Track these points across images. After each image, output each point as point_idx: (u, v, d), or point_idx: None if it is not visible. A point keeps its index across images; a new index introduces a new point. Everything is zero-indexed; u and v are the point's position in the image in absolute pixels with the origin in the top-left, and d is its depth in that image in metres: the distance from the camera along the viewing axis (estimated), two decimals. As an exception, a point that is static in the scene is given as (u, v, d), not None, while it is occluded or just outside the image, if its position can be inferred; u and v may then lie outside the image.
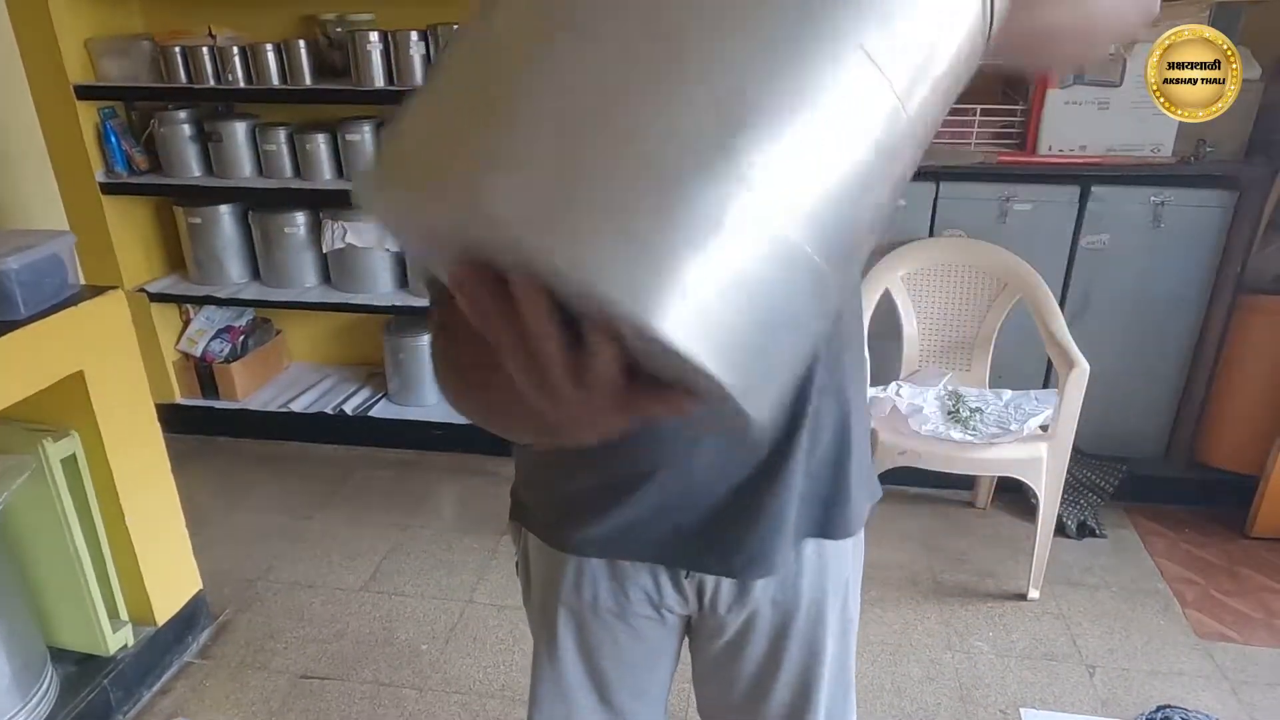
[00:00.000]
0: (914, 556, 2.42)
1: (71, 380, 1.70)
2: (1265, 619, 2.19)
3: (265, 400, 3.04)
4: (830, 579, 0.91)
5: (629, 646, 0.95)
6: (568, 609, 0.94)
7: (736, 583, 0.89)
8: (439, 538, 2.50)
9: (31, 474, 1.65)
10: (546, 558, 0.94)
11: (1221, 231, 2.35)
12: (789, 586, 0.90)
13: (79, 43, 2.64)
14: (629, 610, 0.92)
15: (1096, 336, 2.33)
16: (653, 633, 0.95)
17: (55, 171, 2.30)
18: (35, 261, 1.61)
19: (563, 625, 0.94)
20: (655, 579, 0.90)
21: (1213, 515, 2.56)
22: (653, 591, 0.91)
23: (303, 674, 2.02)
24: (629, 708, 1.00)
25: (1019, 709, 1.92)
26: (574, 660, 0.96)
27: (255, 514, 2.64)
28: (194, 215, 2.85)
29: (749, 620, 0.92)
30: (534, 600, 0.98)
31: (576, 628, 0.95)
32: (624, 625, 0.93)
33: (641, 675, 0.99)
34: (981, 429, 2.15)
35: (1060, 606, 2.23)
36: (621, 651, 0.95)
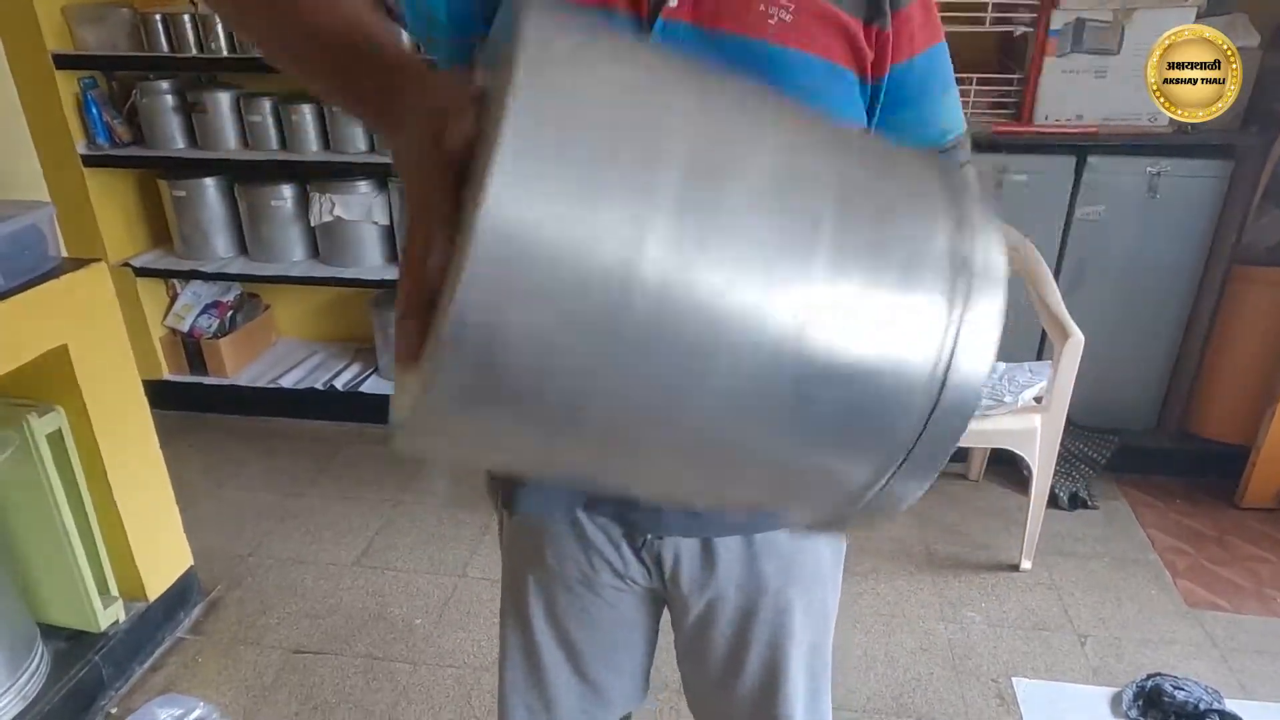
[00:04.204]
0: (907, 528, 2.42)
1: (55, 355, 1.68)
2: (1255, 588, 2.21)
3: (254, 376, 3.01)
4: (800, 567, 0.90)
5: (599, 615, 0.95)
6: (536, 578, 0.94)
7: (700, 562, 0.88)
8: (431, 513, 2.49)
9: (16, 450, 1.63)
10: (513, 526, 0.95)
11: (1217, 202, 2.34)
12: (753, 573, 0.89)
13: (56, 9, 2.58)
14: (595, 580, 0.92)
15: (1091, 308, 2.32)
16: (623, 603, 0.94)
17: (35, 144, 2.25)
18: (14, 232, 1.58)
19: (533, 595, 0.95)
20: (616, 547, 0.89)
21: (1204, 486, 2.57)
22: (616, 561, 0.90)
23: (295, 649, 2.01)
24: (604, 680, 0.99)
25: (1011, 678, 1.93)
26: (544, 628, 0.96)
27: (245, 490, 2.63)
28: (178, 188, 2.80)
29: (713, 602, 0.91)
30: (505, 569, 0.99)
31: (546, 598, 0.94)
32: (592, 594, 0.93)
33: (615, 648, 0.99)
34: (975, 401, 2.15)
35: (1052, 577, 2.24)
36: (592, 620, 0.95)
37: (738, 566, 0.88)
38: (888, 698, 1.88)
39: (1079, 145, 2.33)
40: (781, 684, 0.95)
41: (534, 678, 0.98)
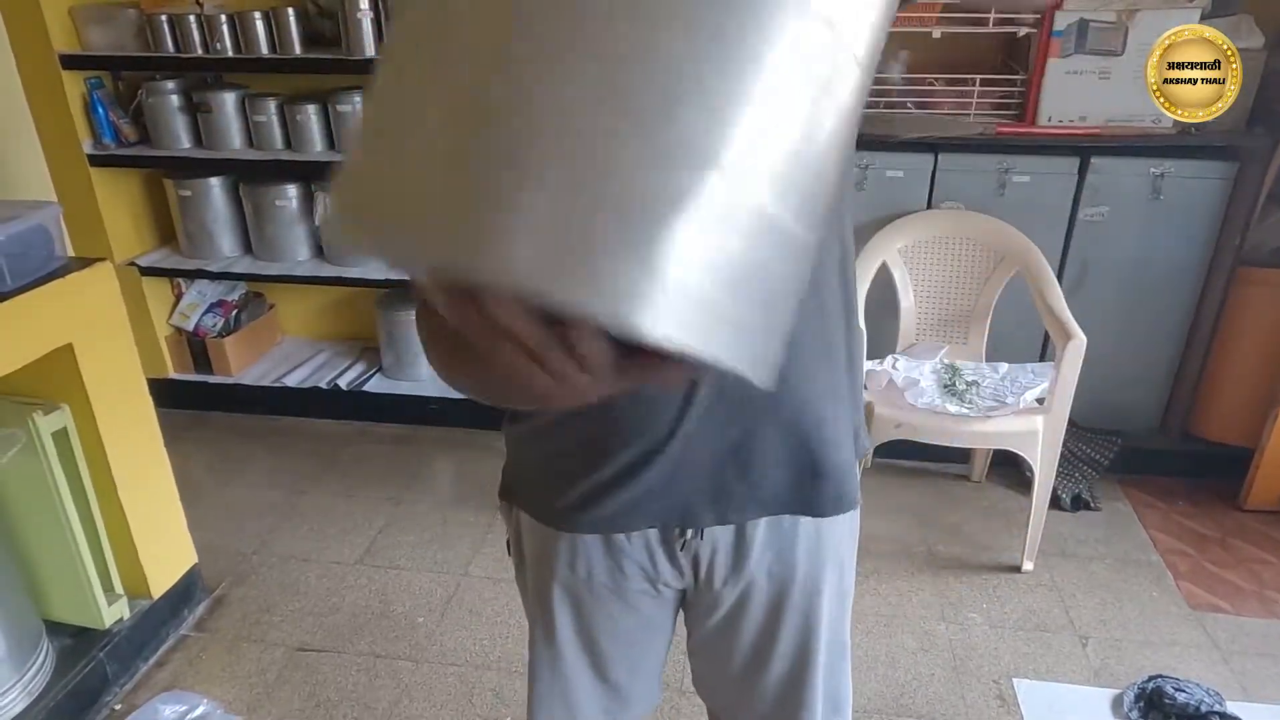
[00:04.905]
0: (909, 529, 2.42)
1: (61, 353, 1.69)
2: (1257, 590, 2.21)
3: (259, 375, 3.02)
4: (827, 551, 0.91)
5: (625, 622, 0.94)
6: (563, 587, 0.93)
7: (733, 553, 0.88)
8: (434, 511, 2.50)
9: (22, 447, 1.64)
10: (539, 536, 0.93)
11: (1221, 203, 2.33)
12: (785, 558, 0.89)
13: (63, 10, 2.59)
14: (625, 586, 0.91)
15: (1093, 309, 2.33)
16: (648, 607, 0.94)
17: (42, 144, 2.26)
18: (20, 232, 1.59)
19: (558, 604, 0.94)
20: (650, 553, 0.89)
21: (1206, 488, 2.57)
22: (648, 566, 0.90)
23: (299, 646, 2.02)
24: (625, 683, 0.99)
25: (1012, 679, 1.93)
26: (571, 639, 0.96)
27: (250, 489, 2.64)
28: (184, 188, 2.81)
29: (745, 592, 0.91)
30: (528, 579, 0.97)
31: (573, 606, 0.94)
32: (619, 601, 0.93)
33: (638, 650, 0.99)
34: (978, 402, 2.15)
35: (1054, 578, 2.24)
36: (618, 627, 0.95)
37: (769, 553, 0.88)
38: (888, 698, 1.88)
39: (1082, 146, 2.33)
40: (809, 669, 0.94)
41: (556, 683, 0.98)
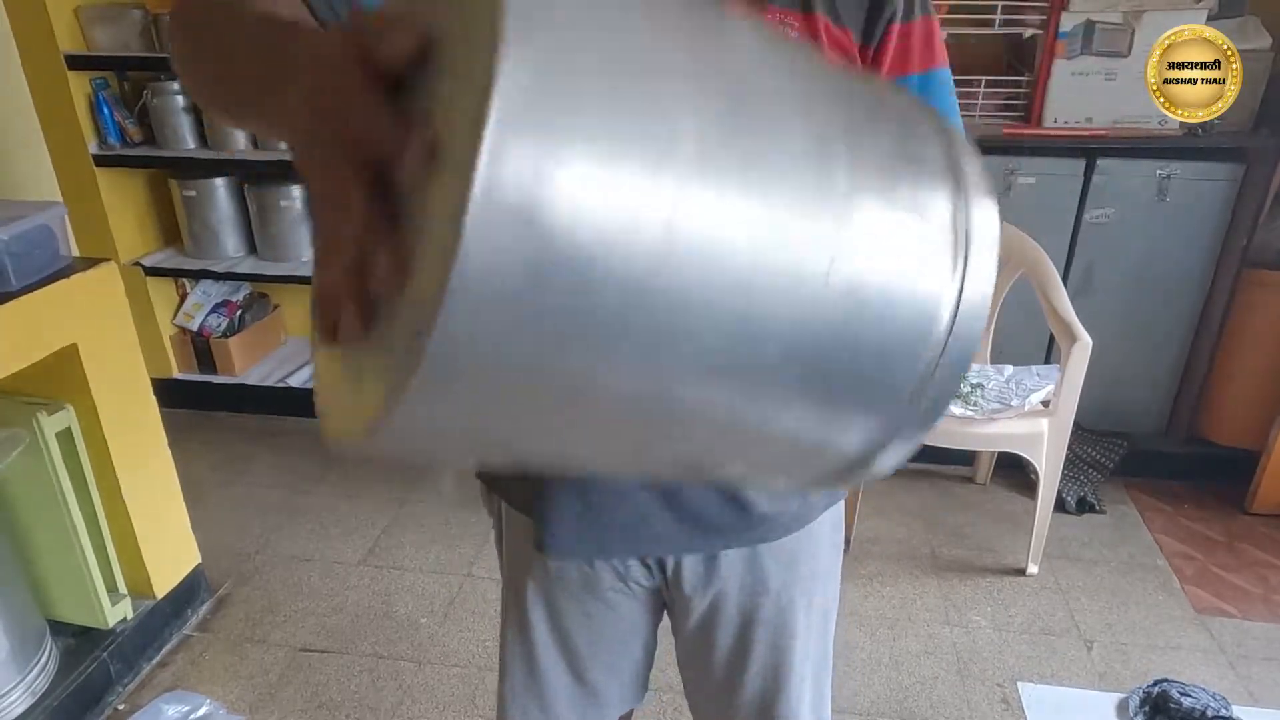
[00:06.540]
0: (913, 531, 2.42)
1: (65, 353, 1.69)
2: (1263, 594, 2.19)
3: (263, 375, 3.02)
4: (799, 566, 0.91)
5: (601, 619, 0.95)
6: (537, 583, 0.93)
7: (702, 560, 0.89)
8: (437, 512, 2.50)
9: (26, 447, 1.64)
10: (515, 533, 0.94)
11: (1227, 205, 2.32)
12: (755, 572, 0.89)
13: (69, 11, 2.60)
14: (596, 582, 0.92)
15: (1099, 311, 2.31)
16: (624, 605, 0.94)
17: (47, 143, 2.27)
18: (25, 232, 1.59)
19: (532, 598, 0.94)
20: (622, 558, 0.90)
21: (1212, 491, 2.56)
22: (619, 565, 0.91)
23: (301, 647, 2.02)
24: (603, 684, 0.99)
25: (1016, 683, 1.92)
26: (545, 634, 0.96)
27: (253, 488, 2.64)
28: (189, 188, 2.82)
29: (715, 602, 0.91)
30: (505, 572, 0.98)
31: (546, 603, 0.94)
32: (594, 598, 0.93)
33: (615, 651, 0.98)
34: (982, 404, 2.14)
35: (1059, 581, 2.23)
36: (593, 624, 0.95)
37: (740, 565, 0.89)
38: (892, 701, 1.87)
39: (1088, 148, 2.32)
40: (785, 685, 0.94)
41: (532, 681, 0.98)
